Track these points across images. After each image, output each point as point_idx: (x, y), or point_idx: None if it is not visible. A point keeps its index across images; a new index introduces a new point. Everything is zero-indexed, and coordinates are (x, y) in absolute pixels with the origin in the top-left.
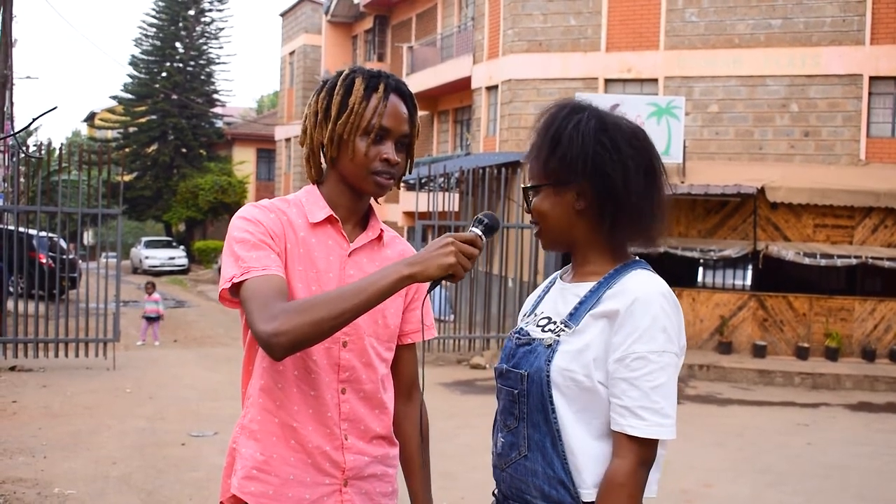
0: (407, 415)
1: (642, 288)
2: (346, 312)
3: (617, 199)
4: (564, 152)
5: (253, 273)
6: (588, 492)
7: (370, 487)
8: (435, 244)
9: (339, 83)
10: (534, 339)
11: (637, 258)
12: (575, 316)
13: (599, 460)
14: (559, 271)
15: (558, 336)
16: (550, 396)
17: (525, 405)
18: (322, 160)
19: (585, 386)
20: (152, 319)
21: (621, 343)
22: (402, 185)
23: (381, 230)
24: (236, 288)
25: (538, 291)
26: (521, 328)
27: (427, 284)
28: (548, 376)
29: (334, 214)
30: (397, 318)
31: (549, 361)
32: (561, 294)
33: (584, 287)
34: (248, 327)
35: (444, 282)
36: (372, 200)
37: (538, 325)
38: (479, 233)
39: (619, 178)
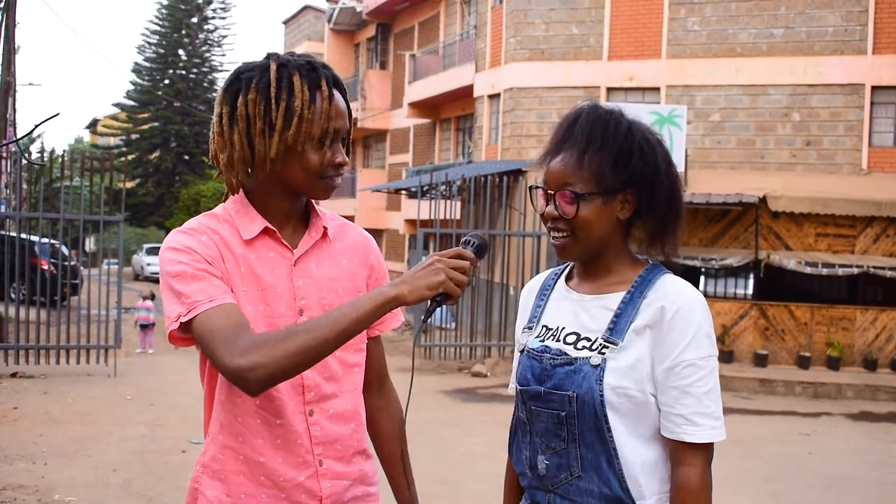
0: (380, 407)
1: (683, 295)
2: (329, 342)
3: (661, 208)
4: (622, 160)
5: (200, 307)
6: (650, 501)
7: None
8: (420, 265)
9: (272, 82)
10: (576, 359)
11: (653, 262)
12: (616, 331)
13: (655, 466)
14: (546, 275)
15: (603, 354)
16: (605, 415)
17: (576, 426)
18: (248, 168)
19: (640, 400)
20: (145, 327)
21: (670, 352)
22: (403, 192)
23: (325, 226)
24: (186, 326)
25: (532, 298)
26: (547, 346)
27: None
28: (601, 396)
29: (270, 225)
30: None
31: (601, 381)
32: (582, 307)
33: (613, 299)
34: (205, 361)
35: (442, 303)
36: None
37: (565, 342)
38: (472, 252)
39: (669, 188)
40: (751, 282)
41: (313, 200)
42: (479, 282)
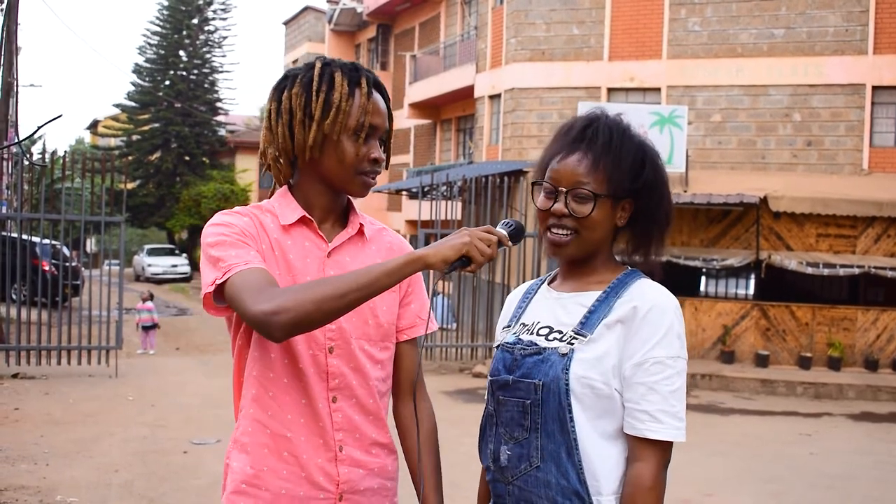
0: (412, 417)
1: (657, 296)
2: (351, 292)
3: (657, 220)
4: (636, 169)
5: (236, 269)
6: (607, 498)
7: (367, 502)
8: (451, 234)
9: (315, 78)
10: (544, 349)
11: (632, 268)
12: (587, 325)
13: (616, 465)
14: (531, 282)
15: (571, 345)
16: (569, 405)
17: (539, 415)
18: (301, 161)
19: (604, 393)
20: (148, 328)
21: (639, 348)
22: (404, 193)
23: (361, 224)
24: (221, 292)
25: (515, 301)
26: (520, 339)
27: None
28: (566, 385)
29: (308, 215)
30: (391, 314)
31: (567, 370)
32: (559, 304)
33: (589, 296)
34: (236, 337)
35: (465, 266)
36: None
37: (538, 334)
38: (504, 231)
39: (668, 202)
40: (752, 282)
41: (353, 199)
42: (480, 282)
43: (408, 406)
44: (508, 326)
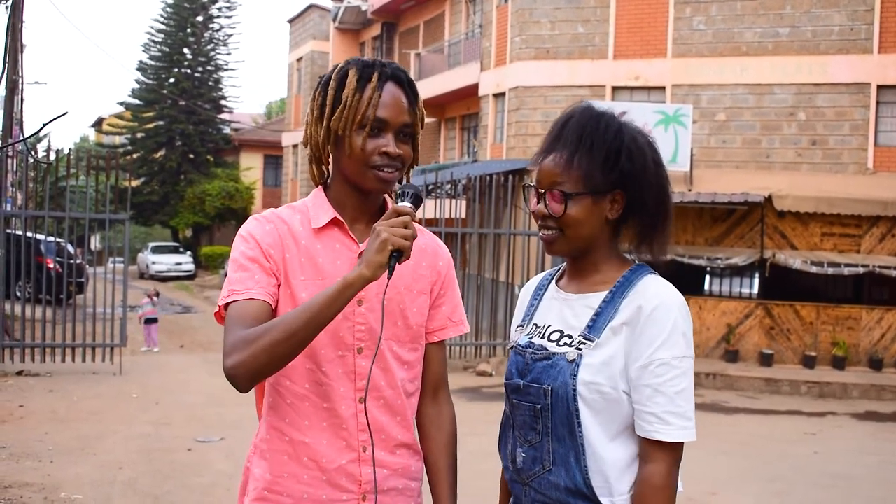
0: (432, 418)
1: (661, 294)
2: (299, 331)
3: (649, 209)
4: (611, 161)
5: (234, 297)
6: (620, 499)
7: (391, 501)
8: (368, 241)
9: (332, 77)
10: (553, 354)
11: (639, 263)
12: (594, 329)
13: (627, 466)
14: (543, 276)
15: (580, 350)
16: (577, 410)
17: (549, 420)
18: (323, 160)
19: (612, 398)
20: (150, 321)
21: (644, 350)
22: None
23: None
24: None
25: (528, 296)
26: (532, 342)
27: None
28: (574, 390)
29: (339, 216)
30: (421, 316)
31: (575, 376)
32: (567, 305)
33: (596, 298)
34: None
35: (399, 259)
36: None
37: (549, 339)
38: (408, 203)
39: (657, 189)
40: (756, 281)
41: (388, 199)
42: (484, 281)
43: (431, 408)
44: (522, 326)
